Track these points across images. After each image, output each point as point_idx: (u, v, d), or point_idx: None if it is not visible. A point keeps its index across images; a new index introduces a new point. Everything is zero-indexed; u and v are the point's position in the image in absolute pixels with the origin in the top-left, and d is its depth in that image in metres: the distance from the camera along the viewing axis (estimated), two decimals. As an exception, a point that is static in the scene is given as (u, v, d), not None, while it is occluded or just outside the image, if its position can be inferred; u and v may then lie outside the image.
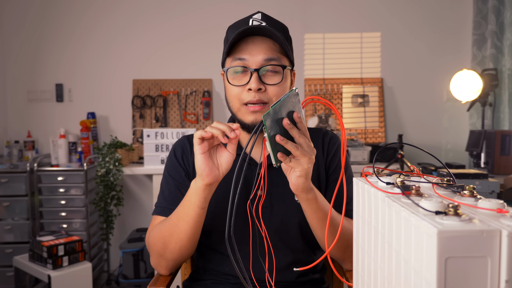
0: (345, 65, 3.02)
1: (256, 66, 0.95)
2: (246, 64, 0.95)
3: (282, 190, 1.01)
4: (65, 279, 2.14)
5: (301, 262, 1.04)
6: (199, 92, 3.00)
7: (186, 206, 0.91)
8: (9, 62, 3.01)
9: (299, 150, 0.78)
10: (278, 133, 0.75)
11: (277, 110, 0.75)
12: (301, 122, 0.79)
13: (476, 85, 2.46)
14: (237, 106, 0.98)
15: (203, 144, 0.84)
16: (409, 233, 0.48)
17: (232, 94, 0.98)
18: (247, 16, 1.00)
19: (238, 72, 0.97)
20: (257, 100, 0.94)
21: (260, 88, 0.94)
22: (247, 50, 0.95)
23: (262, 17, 0.99)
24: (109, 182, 2.54)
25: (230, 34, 0.99)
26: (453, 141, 3.00)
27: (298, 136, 0.78)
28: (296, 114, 0.78)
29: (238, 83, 0.97)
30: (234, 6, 2.96)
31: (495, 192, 1.64)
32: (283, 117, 0.76)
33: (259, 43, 0.96)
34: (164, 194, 1.06)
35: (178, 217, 0.93)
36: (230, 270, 1.02)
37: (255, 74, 0.94)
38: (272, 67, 0.96)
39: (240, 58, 0.96)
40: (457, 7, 2.96)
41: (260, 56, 0.95)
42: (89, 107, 3.02)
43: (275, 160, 0.77)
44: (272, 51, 0.96)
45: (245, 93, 0.95)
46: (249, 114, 0.96)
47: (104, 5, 3.00)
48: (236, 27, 0.99)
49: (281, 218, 1.01)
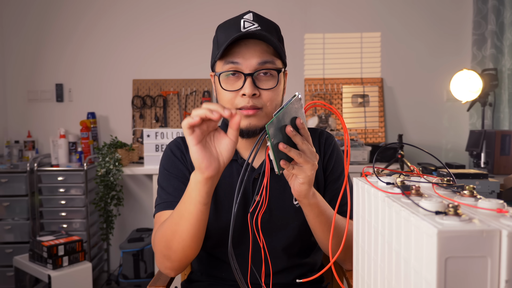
0: (345, 65, 3.02)
1: (250, 70, 0.91)
2: (239, 68, 0.91)
3: (281, 194, 1.00)
4: (65, 279, 2.14)
5: (297, 265, 1.04)
6: (199, 92, 3.00)
7: (187, 202, 0.84)
8: (9, 62, 3.01)
9: (302, 157, 0.76)
10: (281, 141, 0.74)
11: (280, 118, 0.73)
12: (304, 128, 0.77)
13: (476, 85, 2.46)
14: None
15: (195, 133, 0.74)
16: (409, 233, 0.48)
17: (224, 99, 0.94)
18: (238, 16, 0.96)
19: (230, 75, 0.93)
20: (251, 106, 0.91)
21: (255, 93, 0.91)
22: (240, 54, 0.92)
23: (253, 17, 0.95)
24: (109, 182, 2.54)
25: (220, 36, 0.96)
26: (453, 141, 3.00)
27: (301, 142, 0.76)
28: (299, 120, 0.76)
29: (231, 87, 0.93)
30: (234, 6, 2.96)
31: (495, 192, 1.64)
32: (286, 124, 0.74)
33: (252, 46, 0.92)
34: (168, 190, 1.01)
35: (179, 215, 0.86)
36: (226, 275, 1.02)
37: (249, 79, 0.90)
38: (267, 70, 0.92)
39: (232, 61, 0.92)
40: (457, 7, 2.96)
41: (254, 59, 0.91)
42: (89, 107, 3.02)
43: (278, 168, 0.76)
44: (266, 54, 0.92)
45: (239, 98, 0.92)
46: (243, 119, 0.92)
47: (104, 5, 3.00)
48: (226, 28, 0.95)
49: (280, 222, 1.00)
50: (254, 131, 0.94)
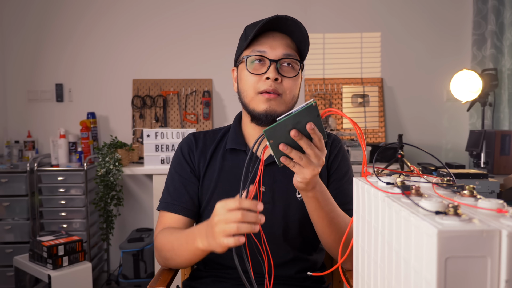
0: (345, 65, 3.02)
1: (275, 58, 0.98)
2: (265, 55, 0.98)
3: (285, 186, 1.03)
4: (65, 279, 2.14)
5: (300, 259, 1.05)
6: (199, 92, 3.00)
7: (189, 243, 0.89)
8: (9, 62, 3.01)
9: (303, 160, 0.77)
10: (286, 143, 0.75)
11: (288, 123, 0.73)
12: (315, 133, 0.75)
13: (476, 85, 2.46)
14: (252, 95, 1.00)
15: (236, 238, 0.75)
16: (409, 233, 0.48)
17: (248, 83, 1.00)
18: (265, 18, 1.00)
19: (255, 62, 0.99)
20: (272, 90, 0.97)
21: (277, 78, 0.97)
22: (267, 44, 0.99)
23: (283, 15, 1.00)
24: (109, 182, 2.54)
25: (249, 31, 1.02)
26: (453, 141, 3.00)
27: (307, 146, 0.76)
28: (309, 125, 0.74)
29: (256, 71, 0.99)
30: (234, 6, 2.96)
31: (495, 192, 1.64)
32: (292, 128, 0.74)
33: (279, 39, 0.99)
34: (169, 189, 1.08)
35: (179, 244, 0.94)
36: (230, 262, 1.03)
37: (274, 65, 0.97)
38: (290, 61, 0.99)
39: (259, 50, 0.98)
40: (457, 7, 2.96)
41: (280, 50, 0.98)
42: (89, 107, 3.02)
43: (278, 162, 0.78)
44: (290, 48, 0.99)
45: (262, 82, 0.98)
46: (263, 102, 0.98)
47: (104, 5, 3.00)
48: (255, 24, 1.01)
49: (282, 214, 1.02)
50: (272, 115, 0.99)
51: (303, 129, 0.75)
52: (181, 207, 1.06)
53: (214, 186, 1.05)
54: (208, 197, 1.06)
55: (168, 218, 1.06)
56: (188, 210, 1.06)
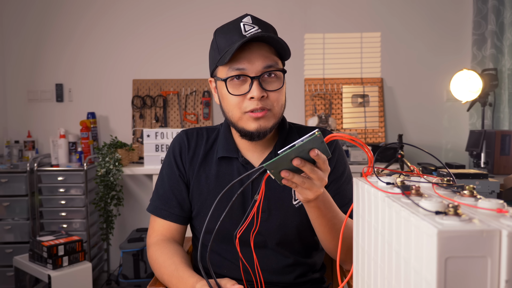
0: (345, 65, 3.02)
1: (256, 73, 0.92)
2: (245, 73, 0.92)
3: (280, 194, 1.01)
4: (65, 279, 2.14)
5: (299, 264, 1.04)
6: (199, 92, 3.00)
7: (180, 285, 0.92)
8: (9, 62, 3.01)
9: (306, 184, 0.77)
10: (287, 169, 0.74)
11: (290, 154, 0.71)
12: (319, 158, 0.74)
13: (476, 85, 2.46)
14: (238, 115, 0.94)
15: None
16: (409, 233, 0.48)
17: (232, 104, 0.94)
18: (236, 20, 0.96)
19: (235, 80, 0.93)
20: (260, 108, 0.92)
21: (263, 95, 0.92)
22: (245, 59, 0.92)
23: (252, 20, 0.95)
24: (109, 182, 2.54)
25: (220, 41, 0.96)
26: (453, 141, 3.00)
27: (310, 171, 0.75)
28: (313, 152, 0.73)
29: (237, 92, 0.93)
30: (234, 6, 2.96)
31: (495, 192, 1.64)
32: (295, 157, 0.73)
33: (257, 50, 0.92)
34: (159, 192, 1.07)
35: (169, 281, 0.95)
36: (228, 272, 1.01)
37: (256, 82, 0.91)
38: (272, 73, 0.93)
39: (238, 68, 0.92)
40: (457, 7, 2.96)
41: (259, 63, 0.92)
42: (89, 107, 3.02)
43: (280, 182, 0.77)
44: (270, 57, 0.93)
45: (247, 102, 0.93)
46: (252, 121, 0.93)
47: (104, 5, 3.00)
48: (226, 33, 0.95)
49: (279, 222, 1.00)
50: (264, 133, 0.96)
51: (306, 155, 0.73)
52: (169, 212, 1.04)
53: (206, 193, 1.03)
54: (200, 204, 1.04)
55: (159, 225, 1.06)
56: (176, 216, 1.05)
